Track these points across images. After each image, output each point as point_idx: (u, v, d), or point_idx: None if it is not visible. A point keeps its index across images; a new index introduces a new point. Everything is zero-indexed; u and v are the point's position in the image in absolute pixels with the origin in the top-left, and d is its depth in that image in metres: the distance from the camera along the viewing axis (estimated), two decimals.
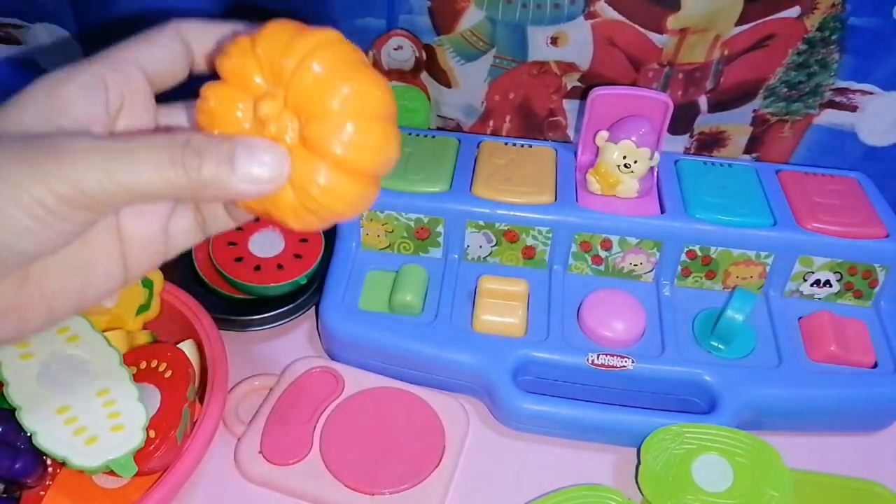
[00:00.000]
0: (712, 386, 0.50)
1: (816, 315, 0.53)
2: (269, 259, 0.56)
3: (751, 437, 0.47)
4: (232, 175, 0.25)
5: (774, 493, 0.44)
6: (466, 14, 0.58)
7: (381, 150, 0.27)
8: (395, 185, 0.55)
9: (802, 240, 0.53)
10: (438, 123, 0.68)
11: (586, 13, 0.56)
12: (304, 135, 0.27)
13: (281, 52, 0.27)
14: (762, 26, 0.56)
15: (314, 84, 0.26)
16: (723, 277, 0.56)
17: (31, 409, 0.40)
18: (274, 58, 0.27)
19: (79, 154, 0.24)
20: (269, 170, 0.26)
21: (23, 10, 0.63)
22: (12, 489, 0.42)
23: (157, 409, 0.43)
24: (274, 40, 0.27)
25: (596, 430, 0.49)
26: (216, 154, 0.25)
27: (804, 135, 0.62)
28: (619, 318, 0.52)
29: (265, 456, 0.46)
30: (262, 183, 0.26)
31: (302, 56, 0.26)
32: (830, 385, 0.50)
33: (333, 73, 0.26)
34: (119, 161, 0.24)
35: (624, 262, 0.56)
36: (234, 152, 0.25)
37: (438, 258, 0.57)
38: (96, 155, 0.24)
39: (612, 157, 0.55)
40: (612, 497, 0.45)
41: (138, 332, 0.49)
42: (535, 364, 0.51)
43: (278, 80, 0.27)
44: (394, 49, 0.62)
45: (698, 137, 0.64)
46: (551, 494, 0.46)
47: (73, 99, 0.26)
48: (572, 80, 0.61)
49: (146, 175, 0.24)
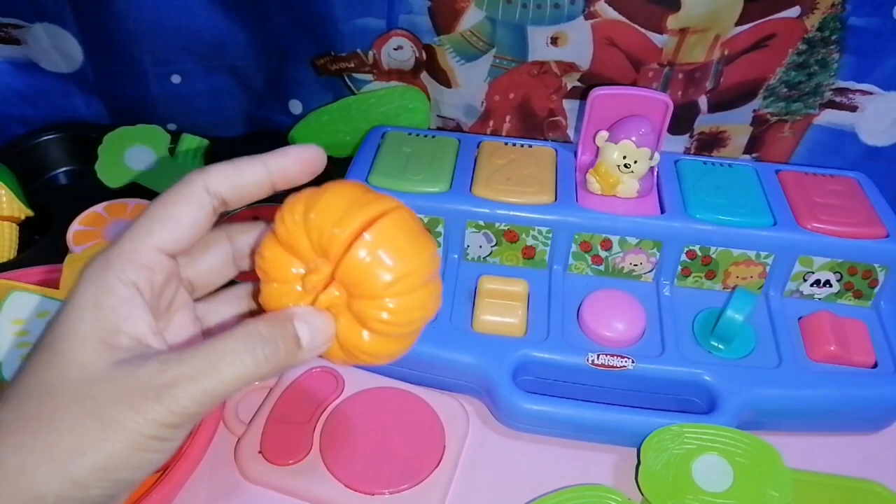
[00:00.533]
0: (712, 386, 0.50)
1: (816, 315, 0.53)
2: None
3: (751, 437, 0.47)
4: (299, 352, 0.28)
5: (774, 494, 0.44)
6: (466, 14, 0.58)
7: (423, 314, 0.29)
8: (395, 185, 0.55)
9: (802, 240, 0.53)
10: (438, 123, 0.68)
11: (586, 13, 0.56)
12: (351, 307, 0.29)
13: (334, 223, 0.27)
14: (762, 26, 0.56)
15: (362, 267, 0.27)
16: (723, 277, 0.56)
17: None
18: (325, 227, 0.28)
19: (175, 388, 0.25)
20: (323, 338, 0.29)
21: (23, 10, 0.63)
22: None
23: None
24: (329, 210, 0.28)
25: (596, 430, 0.49)
26: (283, 338, 0.28)
27: (804, 135, 0.62)
28: (619, 318, 0.52)
29: (265, 456, 0.46)
30: (319, 349, 0.29)
31: (354, 231, 0.27)
32: (830, 385, 0.50)
33: (381, 256, 0.27)
34: (209, 378, 0.26)
35: (624, 262, 0.56)
36: (297, 332, 0.28)
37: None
38: (189, 384, 0.26)
39: (612, 157, 0.55)
40: (612, 497, 0.45)
41: None
42: (535, 364, 0.51)
43: (328, 253, 0.28)
44: (394, 49, 0.62)
45: (698, 137, 0.64)
46: (551, 494, 0.46)
47: (120, 320, 0.27)
48: (572, 80, 0.61)
49: (235, 381, 0.26)
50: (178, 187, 0.29)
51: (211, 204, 0.29)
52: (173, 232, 0.28)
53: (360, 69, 0.64)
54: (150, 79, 0.66)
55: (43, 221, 0.61)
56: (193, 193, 0.29)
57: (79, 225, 0.58)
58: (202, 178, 0.29)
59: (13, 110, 0.70)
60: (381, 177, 0.56)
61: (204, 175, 0.29)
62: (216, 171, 0.29)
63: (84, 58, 0.66)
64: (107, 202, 0.60)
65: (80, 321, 0.26)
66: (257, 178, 0.30)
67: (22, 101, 0.69)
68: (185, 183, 0.29)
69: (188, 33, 0.63)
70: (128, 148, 0.65)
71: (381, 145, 0.60)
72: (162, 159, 0.65)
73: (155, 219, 0.28)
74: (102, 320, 0.26)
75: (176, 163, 0.66)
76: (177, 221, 0.29)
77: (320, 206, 0.28)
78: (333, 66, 0.64)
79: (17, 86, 0.69)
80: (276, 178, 0.30)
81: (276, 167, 0.30)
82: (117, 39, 0.63)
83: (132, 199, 0.61)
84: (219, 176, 0.29)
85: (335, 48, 0.62)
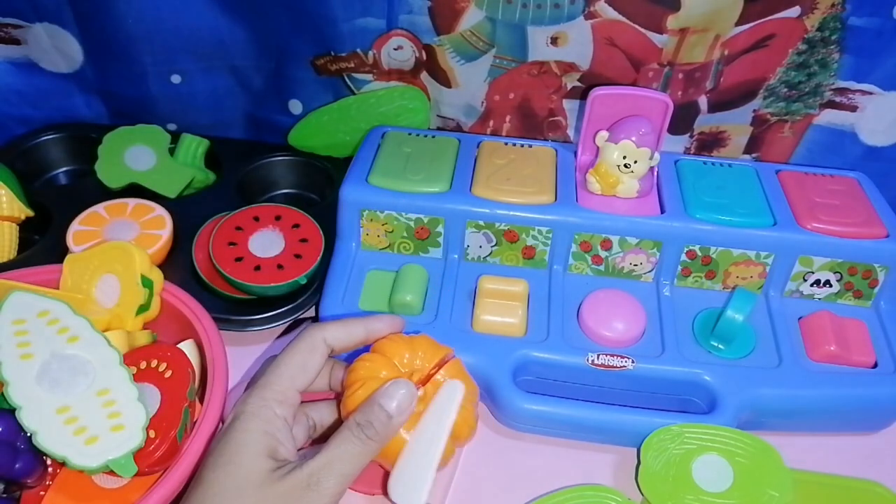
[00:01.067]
0: (712, 386, 0.50)
1: (816, 315, 0.53)
2: (269, 259, 0.56)
3: (751, 437, 0.47)
4: (391, 421, 0.38)
5: (774, 493, 0.44)
6: (466, 14, 0.58)
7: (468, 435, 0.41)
8: (395, 185, 0.55)
9: (802, 240, 0.53)
10: (438, 123, 0.68)
11: (586, 13, 0.56)
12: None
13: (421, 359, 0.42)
14: (762, 26, 0.56)
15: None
16: (723, 277, 0.56)
17: (31, 409, 0.40)
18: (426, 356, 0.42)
19: (319, 477, 0.36)
20: (408, 400, 0.39)
21: (23, 10, 0.63)
22: (12, 489, 0.42)
23: (157, 409, 0.43)
24: (428, 349, 0.42)
25: (596, 430, 0.49)
26: (375, 416, 0.38)
27: (804, 135, 0.62)
28: (619, 318, 0.52)
29: None
30: (407, 412, 0.39)
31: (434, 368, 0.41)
32: (830, 385, 0.50)
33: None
34: (339, 463, 0.37)
35: (624, 262, 0.56)
36: (384, 406, 0.38)
37: (438, 258, 0.57)
38: (327, 472, 0.36)
39: (612, 157, 0.55)
40: (612, 497, 0.45)
41: (138, 332, 0.49)
42: (535, 364, 0.51)
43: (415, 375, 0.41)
44: (394, 49, 0.62)
45: (698, 137, 0.64)
46: (551, 494, 0.46)
47: (278, 443, 0.38)
48: (572, 80, 0.61)
49: (356, 459, 0.37)
50: (304, 341, 0.41)
51: (327, 353, 0.41)
52: (307, 378, 0.40)
53: (360, 69, 0.64)
54: (150, 79, 0.66)
55: (43, 221, 0.61)
56: (318, 348, 0.41)
57: (79, 225, 0.58)
58: (322, 333, 0.41)
59: (13, 110, 0.70)
60: (381, 177, 0.56)
61: (323, 331, 0.41)
62: (332, 329, 0.41)
63: (84, 58, 0.66)
64: (107, 202, 0.60)
65: (253, 442, 0.37)
66: (360, 336, 0.42)
67: (22, 101, 0.69)
68: (310, 338, 0.41)
69: (188, 33, 0.63)
70: (128, 148, 0.65)
71: (381, 145, 0.60)
72: (162, 159, 0.65)
73: (294, 366, 0.40)
74: (268, 442, 0.37)
75: (176, 163, 0.66)
76: (310, 370, 0.40)
77: (421, 345, 0.42)
78: (333, 66, 0.64)
79: (17, 86, 0.69)
80: (370, 336, 0.42)
81: (373, 329, 0.42)
82: (117, 39, 0.63)
83: (132, 199, 0.61)
84: (335, 332, 0.41)
85: (335, 48, 0.62)
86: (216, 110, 0.69)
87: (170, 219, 0.59)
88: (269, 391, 0.39)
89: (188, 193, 0.66)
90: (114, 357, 0.44)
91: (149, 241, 0.57)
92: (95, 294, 0.50)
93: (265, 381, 0.39)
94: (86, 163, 0.66)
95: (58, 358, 0.42)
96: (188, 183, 0.65)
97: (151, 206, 0.60)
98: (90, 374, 0.42)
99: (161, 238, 0.58)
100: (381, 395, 0.38)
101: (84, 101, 0.70)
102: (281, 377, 0.40)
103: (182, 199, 0.64)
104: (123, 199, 0.61)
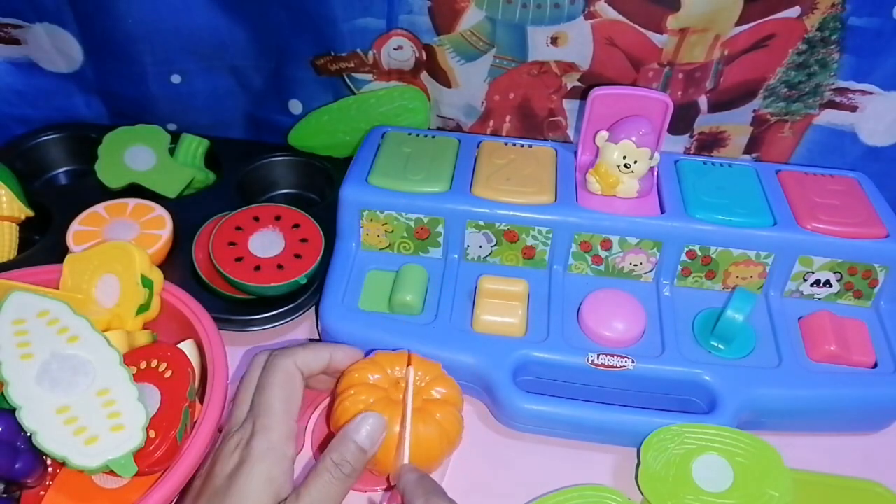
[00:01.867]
0: (712, 386, 0.50)
1: (816, 315, 0.53)
2: (269, 259, 0.56)
3: (751, 437, 0.47)
4: (364, 455, 0.40)
5: (774, 493, 0.44)
6: (466, 14, 0.58)
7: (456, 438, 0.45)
8: (395, 185, 0.55)
9: (802, 240, 0.53)
10: (438, 123, 0.68)
11: (586, 13, 0.56)
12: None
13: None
14: (762, 26, 0.56)
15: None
16: (723, 277, 0.56)
17: (31, 409, 0.40)
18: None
19: None
20: (379, 431, 0.41)
21: (23, 10, 0.63)
22: (12, 489, 0.42)
23: (157, 409, 0.43)
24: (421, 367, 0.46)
25: (596, 430, 0.49)
26: (349, 453, 0.40)
27: (804, 135, 0.62)
28: (619, 318, 0.52)
29: None
30: (379, 441, 0.41)
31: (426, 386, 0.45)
32: (830, 385, 0.50)
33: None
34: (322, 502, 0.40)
35: (624, 262, 0.56)
36: (357, 442, 0.41)
37: (438, 258, 0.57)
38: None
39: (612, 157, 0.55)
40: (612, 497, 0.45)
41: (138, 332, 0.49)
42: (535, 364, 0.51)
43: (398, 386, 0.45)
44: (394, 49, 0.62)
45: (698, 137, 0.64)
46: (551, 494, 0.46)
47: (281, 488, 0.40)
48: (572, 80, 0.61)
49: (334, 495, 0.40)
50: (281, 373, 0.43)
51: (302, 378, 0.44)
52: (297, 406, 0.43)
53: (360, 69, 0.64)
54: (150, 79, 0.66)
55: (43, 221, 0.61)
56: (294, 375, 0.43)
57: (79, 225, 0.58)
58: (292, 359, 0.44)
59: (13, 110, 0.70)
60: (381, 177, 0.56)
61: (294, 357, 0.44)
62: (302, 355, 0.44)
63: (84, 58, 0.66)
64: (107, 202, 0.60)
65: (259, 491, 0.39)
66: (325, 360, 0.45)
67: (22, 101, 0.69)
68: (283, 367, 0.43)
69: (188, 33, 0.63)
70: (128, 148, 0.65)
71: (381, 145, 0.60)
72: (162, 159, 0.65)
73: (284, 400, 0.42)
74: (274, 489, 0.40)
75: (176, 163, 0.66)
76: (296, 398, 0.43)
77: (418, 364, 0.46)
78: (333, 66, 0.64)
79: (17, 86, 0.69)
80: (332, 363, 0.45)
81: (336, 357, 0.46)
82: (117, 39, 0.63)
83: (132, 199, 0.61)
84: (305, 357, 0.44)
85: (335, 48, 0.62)
86: (216, 110, 0.69)
87: (170, 219, 0.59)
88: (274, 434, 0.41)
89: (188, 193, 0.66)
90: (114, 357, 0.44)
91: (149, 241, 0.57)
92: (95, 294, 0.50)
93: (264, 423, 0.41)
94: (86, 163, 0.66)
95: (58, 358, 0.42)
96: (188, 183, 0.65)
97: (151, 206, 0.60)
98: (90, 374, 0.42)
99: (161, 238, 0.58)
100: (352, 431, 0.41)
101: (84, 101, 0.70)
102: (278, 416, 0.42)
103: (182, 199, 0.64)
104: (123, 199, 0.61)
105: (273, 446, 0.40)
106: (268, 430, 0.41)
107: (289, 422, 0.42)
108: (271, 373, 0.43)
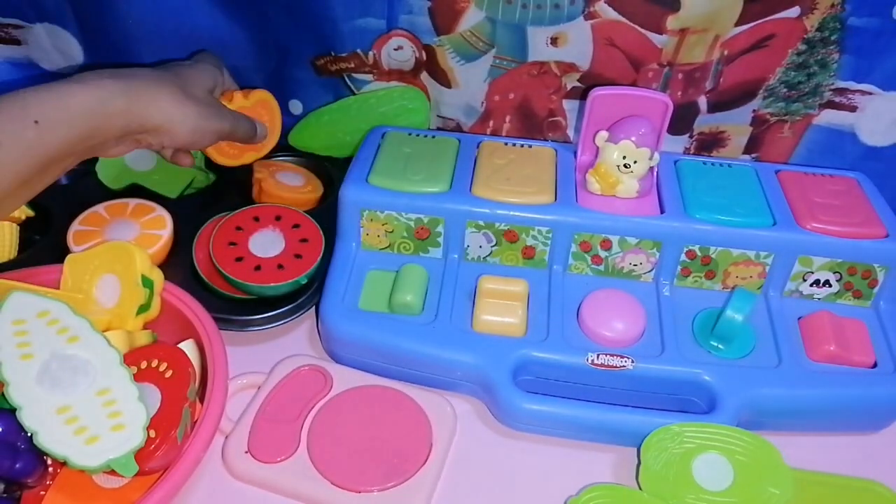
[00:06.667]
0: (712, 386, 0.50)
1: (816, 315, 0.53)
2: (269, 259, 0.56)
3: (751, 435, 0.47)
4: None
5: (775, 491, 0.44)
6: (466, 14, 0.58)
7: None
8: (395, 185, 0.55)
9: (802, 240, 0.54)
10: (438, 123, 0.68)
11: (586, 13, 0.56)
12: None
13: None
14: (762, 26, 0.56)
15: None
16: (722, 277, 0.56)
17: (31, 409, 0.40)
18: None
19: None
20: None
21: (23, 10, 0.63)
22: (12, 489, 0.42)
23: (157, 409, 0.43)
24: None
25: (596, 430, 0.49)
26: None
27: (804, 135, 0.62)
28: (618, 318, 0.52)
29: (252, 454, 0.46)
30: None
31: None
32: (830, 385, 0.50)
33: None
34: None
35: (624, 262, 0.56)
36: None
37: (438, 258, 0.57)
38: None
39: (612, 157, 0.55)
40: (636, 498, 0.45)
41: (138, 332, 0.49)
42: (535, 364, 0.51)
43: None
44: (394, 49, 0.62)
45: (698, 137, 0.64)
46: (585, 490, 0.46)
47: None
48: (572, 81, 0.61)
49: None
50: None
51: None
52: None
53: (360, 69, 0.64)
54: None
55: (43, 221, 0.61)
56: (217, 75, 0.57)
57: (79, 225, 0.58)
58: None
59: None
60: (381, 177, 0.56)
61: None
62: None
63: (84, 58, 0.66)
64: (107, 202, 0.60)
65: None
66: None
67: None
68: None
69: (188, 33, 0.63)
70: None
71: (381, 145, 0.61)
72: (162, 160, 0.65)
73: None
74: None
75: None
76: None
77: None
78: (333, 66, 0.64)
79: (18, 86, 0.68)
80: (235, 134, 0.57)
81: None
82: (117, 40, 0.63)
83: (132, 199, 0.61)
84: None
85: (335, 48, 0.62)
86: None
87: (170, 219, 0.59)
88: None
89: (188, 193, 0.66)
90: (114, 357, 0.44)
91: (149, 241, 0.57)
92: (95, 294, 0.50)
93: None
94: (86, 163, 0.66)
95: (58, 358, 0.42)
96: (188, 183, 0.65)
97: (152, 206, 0.60)
98: (90, 373, 0.42)
99: (161, 238, 0.58)
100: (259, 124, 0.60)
101: None
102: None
103: (182, 199, 0.64)
104: (124, 199, 0.61)
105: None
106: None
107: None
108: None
